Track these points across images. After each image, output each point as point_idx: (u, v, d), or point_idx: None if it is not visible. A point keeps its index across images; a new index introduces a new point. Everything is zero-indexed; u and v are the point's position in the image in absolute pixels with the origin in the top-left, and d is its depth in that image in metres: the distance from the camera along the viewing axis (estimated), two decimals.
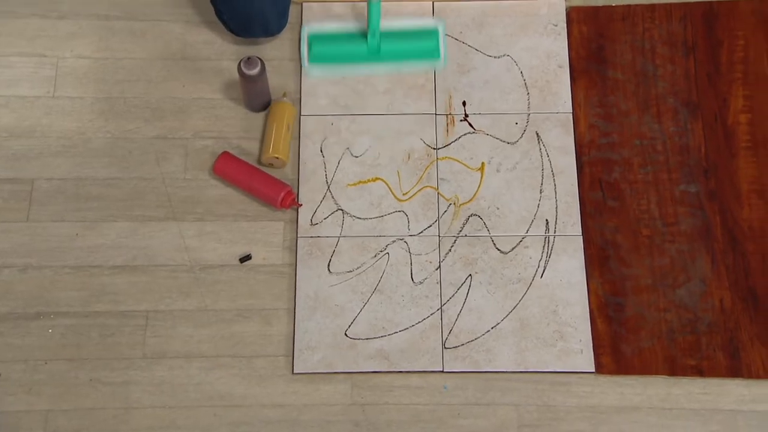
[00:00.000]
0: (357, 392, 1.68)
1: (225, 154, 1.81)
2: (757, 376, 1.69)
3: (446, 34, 1.93)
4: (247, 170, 1.80)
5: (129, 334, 1.72)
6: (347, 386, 1.69)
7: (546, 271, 1.76)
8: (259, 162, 1.83)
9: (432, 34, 1.91)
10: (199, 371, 1.69)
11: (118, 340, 1.71)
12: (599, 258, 1.77)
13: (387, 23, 1.90)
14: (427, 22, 1.94)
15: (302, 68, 1.89)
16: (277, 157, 1.79)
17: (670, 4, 1.96)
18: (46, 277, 1.75)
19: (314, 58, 1.89)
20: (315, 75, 1.89)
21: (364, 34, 1.89)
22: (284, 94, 1.86)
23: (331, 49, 1.90)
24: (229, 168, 1.80)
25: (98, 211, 1.80)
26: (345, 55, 1.90)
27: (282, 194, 1.77)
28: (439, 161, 1.84)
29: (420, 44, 1.90)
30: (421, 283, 1.75)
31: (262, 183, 1.78)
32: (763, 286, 1.75)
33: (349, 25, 1.92)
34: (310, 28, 1.92)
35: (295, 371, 1.69)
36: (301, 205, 1.80)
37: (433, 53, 1.90)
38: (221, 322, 1.73)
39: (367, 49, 1.88)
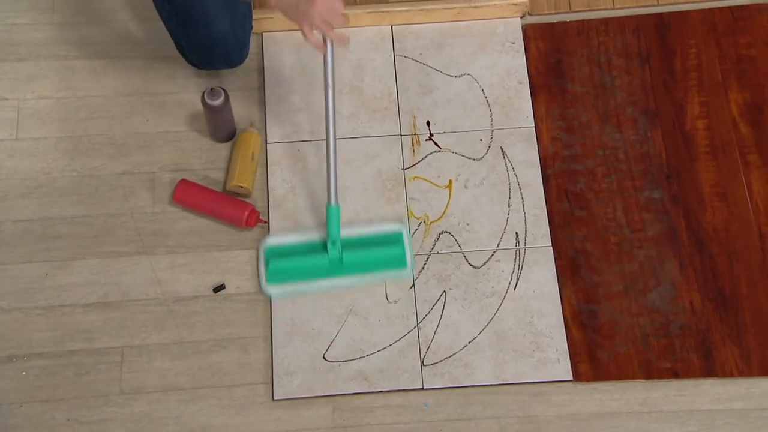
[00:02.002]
0: (338, 415, 1.68)
1: (183, 181, 1.81)
2: (731, 375, 1.72)
3: (410, 240, 1.81)
4: (207, 195, 1.80)
5: (105, 371, 1.70)
6: (328, 410, 1.68)
7: (519, 283, 1.78)
8: (224, 191, 1.83)
9: (396, 239, 1.79)
10: (178, 404, 1.68)
11: (95, 378, 1.69)
12: (570, 267, 1.79)
13: (348, 231, 1.78)
14: (390, 227, 1.80)
15: (260, 285, 1.76)
16: (242, 186, 1.80)
17: (623, 17, 2.01)
18: (17, 319, 1.73)
19: (272, 278, 1.75)
20: (274, 294, 1.75)
21: (324, 245, 1.77)
22: (251, 124, 1.87)
23: (290, 265, 1.75)
24: (188, 195, 1.80)
25: (67, 250, 1.79)
26: (305, 271, 1.76)
27: (246, 213, 1.77)
28: (407, 181, 1.85)
29: (384, 252, 1.78)
30: (396, 302, 1.75)
31: (225, 205, 1.79)
32: (731, 287, 1.78)
33: (309, 236, 1.79)
34: (267, 243, 1.78)
35: (275, 398, 1.68)
36: (266, 222, 1.80)
37: (399, 262, 1.77)
38: (198, 353, 1.72)
39: (329, 262, 1.75)
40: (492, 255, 1.80)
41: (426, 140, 1.89)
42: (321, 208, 1.81)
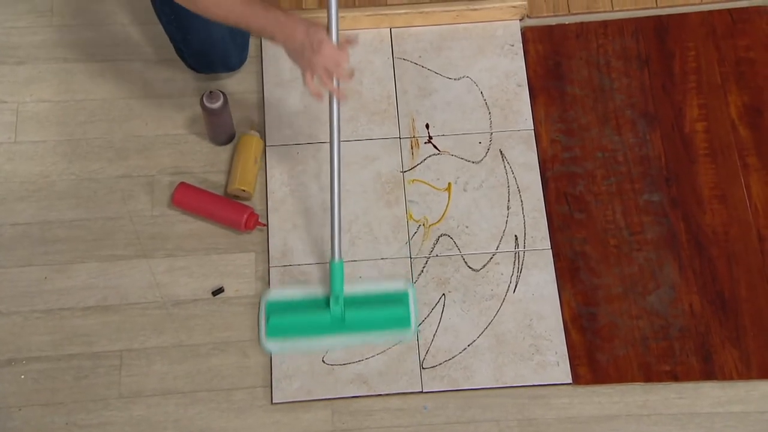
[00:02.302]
0: (338, 418, 1.67)
1: (182, 184, 1.81)
2: (731, 378, 1.72)
3: (416, 299, 1.76)
4: (206, 198, 1.80)
5: (104, 375, 1.70)
6: (327, 413, 1.68)
7: (518, 285, 1.78)
8: (225, 195, 1.83)
9: (401, 298, 1.75)
10: (177, 408, 1.68)
11: (93, 382, 1.69)
12: (570, 270, 1.79)
13: (352, 288, 1.74)
14: (396, 285, 1.76)
15: (259, 341, 1.72)
16: (243, 190, 1.80)
17: (622, 20, 2.01)
18: (15, 322, 1.73)
19: (272, 332, 1.71)
20: (274, 350, 1.71)
21: (326, 301, 1.72)
22: (252, 127, 1.87)
23: (291, 321, 1.72)
24: (187, 198, 1.80)
25: (66, 253, 1.78)
26: (306, 327, 1.72)
27: (245, 215, 1.77)
28: (406, 184, 1.85)
29: (388, 311, 1.73)
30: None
31: (224, 207, 1.79)
32: (730, 289, 1.78)
33: (311, 290, 1.75)
34: (269, 297, 1.74)
35: (274, 401, 1.68)
36: (265, 225, 1.80)
37: (403, 322, 1.73)
38: (197, 356, 1.72)
39: (330, 318, 1.71)
40: (491, 258, 1.80)
41: (425, 143, 1.89)
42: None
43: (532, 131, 1.90)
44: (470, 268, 1.79)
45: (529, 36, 2.00)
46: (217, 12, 1.50)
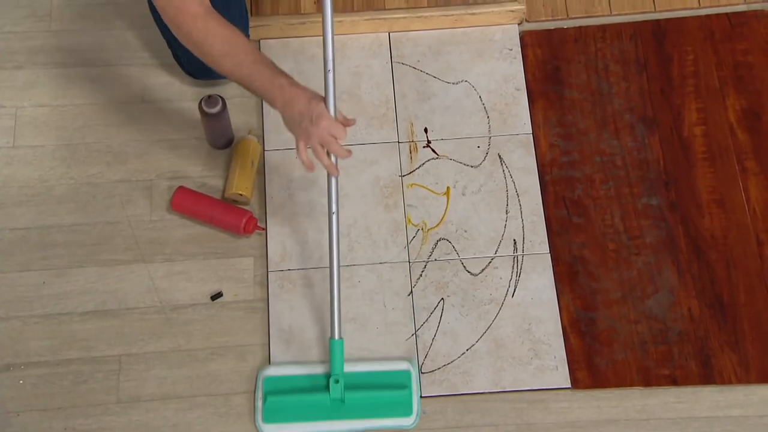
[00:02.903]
0: None
1: (181, 188, 1.81)
2: (730, 382, 1.72)
3: (420, 391, 1.70)
4: (205, 201, 1.80)
5: (102, 380, 1.70)
6: None
7: (517, 290, 1.78)
8: (223, 199, 1.83)
9: (403, 381, 1.68)
10: (175, 413, 1.68)
11: (92, 387, 1.69)
12: (568, 274, 1.79)
13: (353, 367, 1.69)
14: (398, 366, 1.70)
15: (255, 422, 1.66)
16: (241, 194, 1.80)
17: (620, 24, 2.01)
18: (14, 327, 1.73)
19: (269, 416, 1.66)
20: None
21: (325, 380, 1.67)
22: (250, 131, 1.87)
23: (288, 402, 1.66)
24: (186, 202, 1.80)
25: (65, 258, 1.78)
26: (304, 410, 1.66)
27: (244, 219, 1.77)
28: (405, 188, 1.85)
29: (389, 396, 1.67)
30: (394, 309, 1.75)
31: (223, 211, 1.79)
32: (728, 293, 1.78)
33: (310, 368, 1.70)
34: (266, 374, 1.69)
35: None
36: (264, 229, 1.80)
37: (404, 409, 1.67)
38: (196, 361, 1.71)
39: (330, 402, 1.65)
40: (490, 262, 1.80)
41: (424, 147, 1.89)
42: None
43: (531, 135, 1.90)
44: (469, 272, 1.79)
45: (527, 40, 2.00)
46: (225, 65, 1.50)
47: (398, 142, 1.89)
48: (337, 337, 1.63)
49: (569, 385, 1.71)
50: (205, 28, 1.48)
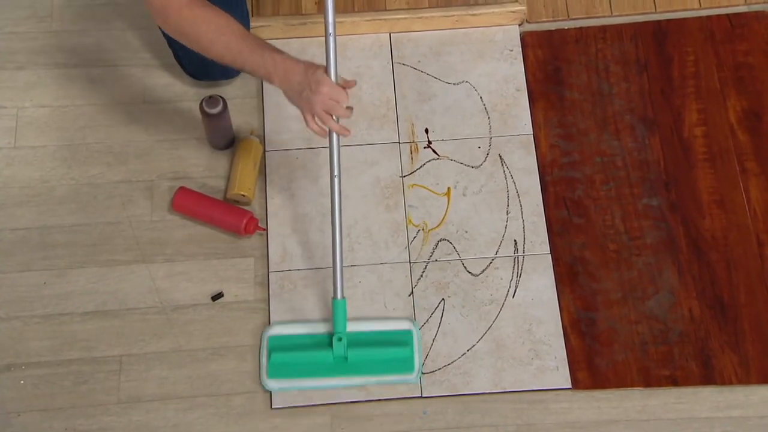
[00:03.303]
0: (337, 423, 1.67)
1: (181, 189, 1.81)
2: (730, 383, 1.72)
3: (420, 343, 1.73)
4: (206, 202, 1.80)
5: (103, 380, 1.70)
6: (327, 418, 1.68)
7: (517, 290, 1.78)
8: (225, 199, 1.83)
9: (405, 339, 1.72)
10: (176, 413, 1.68)
11: (93, 387, 1.69)
12: (569, 275, 1.79)
13: (356, 326, 1.72)
14: (400, 325, 1.74)
15: (260, 379, 1.70)
16: (243, 195, 1.80)
17: (621, 25, 2.01)
18: (15, 328, 1.73)
19: (273, 372, 1.69)
20: (274, 388, 1.69)
21: (329, 339, 1.70)
22: (252, 132, 1.87)
23: (292, 359, 1.69)
24: (187, 202, 1.80)
25: (66, 258, 1.78)
26: (308, 367, 1.69)
27: (245, 220, 1.77)
28: (405, 189, 1.85)
29: (392, 353, 1.70)
30: (394, 309, 1.75)
31: (224, 212, 1.79)
32: (729, 294, 1.78)
33: (314, 327, 1.73)
34: (270, 333, 1.72)
35: (273, 406, 1.68)
36: (265, 229, 1.80)
37: (407, 365, 1.69)
38: (196, 361, 1.71)
39: (333, 359, 1.69)
40: (490, 262, 1.80)
41: (424, 148, 1.89)
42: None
43: (531, 136, 1.91)
44: (469, 272, 1.79)
45: (528, 41, 2.00)
46: (216, 48, 1.51)
47: (399, 143, 1.89)
48: (339, 297, 1.66)
49: (570, 386, 1.71)
50: (192, 15, 1.49)
